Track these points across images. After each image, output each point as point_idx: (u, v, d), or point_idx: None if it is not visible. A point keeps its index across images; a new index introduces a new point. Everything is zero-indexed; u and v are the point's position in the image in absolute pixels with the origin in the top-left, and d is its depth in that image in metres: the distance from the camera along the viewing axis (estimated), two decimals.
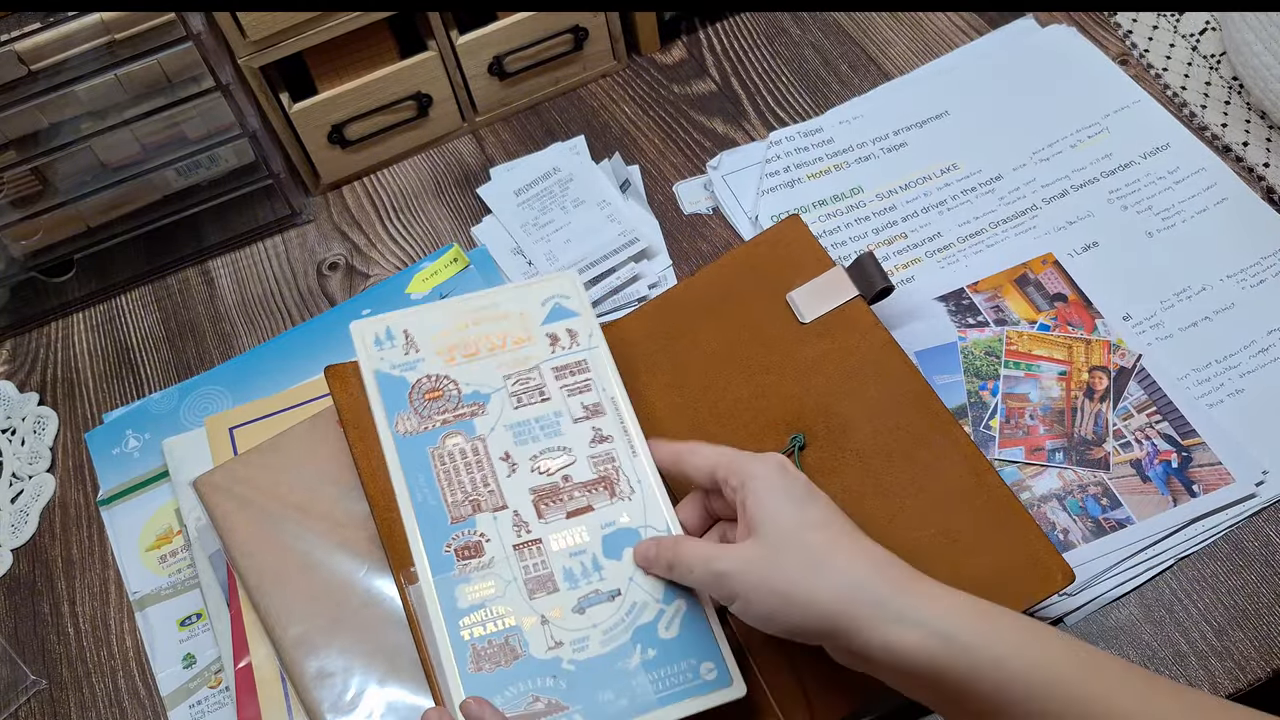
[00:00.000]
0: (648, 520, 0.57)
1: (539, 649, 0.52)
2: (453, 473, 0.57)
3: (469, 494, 0.57)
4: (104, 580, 0.67)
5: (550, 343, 0.63)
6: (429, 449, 0.58)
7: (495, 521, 0.56)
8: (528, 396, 0.61)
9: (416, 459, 0.58)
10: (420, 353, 0.62)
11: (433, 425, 0.59)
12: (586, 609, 0.54)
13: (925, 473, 0.59)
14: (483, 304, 0.64)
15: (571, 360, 0.63)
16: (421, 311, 0.63)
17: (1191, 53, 0.79)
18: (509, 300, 0.64)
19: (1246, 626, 0.56)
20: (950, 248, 0.72)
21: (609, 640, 0.53)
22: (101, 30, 0.66)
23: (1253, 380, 0.63)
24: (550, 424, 0.60)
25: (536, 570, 0.55)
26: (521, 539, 0.56)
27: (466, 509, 0.56)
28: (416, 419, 0.59)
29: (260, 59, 0.74)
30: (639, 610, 0.54)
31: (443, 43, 0.78)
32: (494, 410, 0.60)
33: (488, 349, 0.62)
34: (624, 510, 0.57)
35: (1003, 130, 0.77)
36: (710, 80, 0.85)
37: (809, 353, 0.64)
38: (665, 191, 0.79)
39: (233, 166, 0.77)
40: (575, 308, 0.65)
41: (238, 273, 0.80)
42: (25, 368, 0.78)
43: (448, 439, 0.58)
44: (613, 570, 0.55)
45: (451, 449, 0.58)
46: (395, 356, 0.61)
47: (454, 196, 0.82)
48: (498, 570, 0.54)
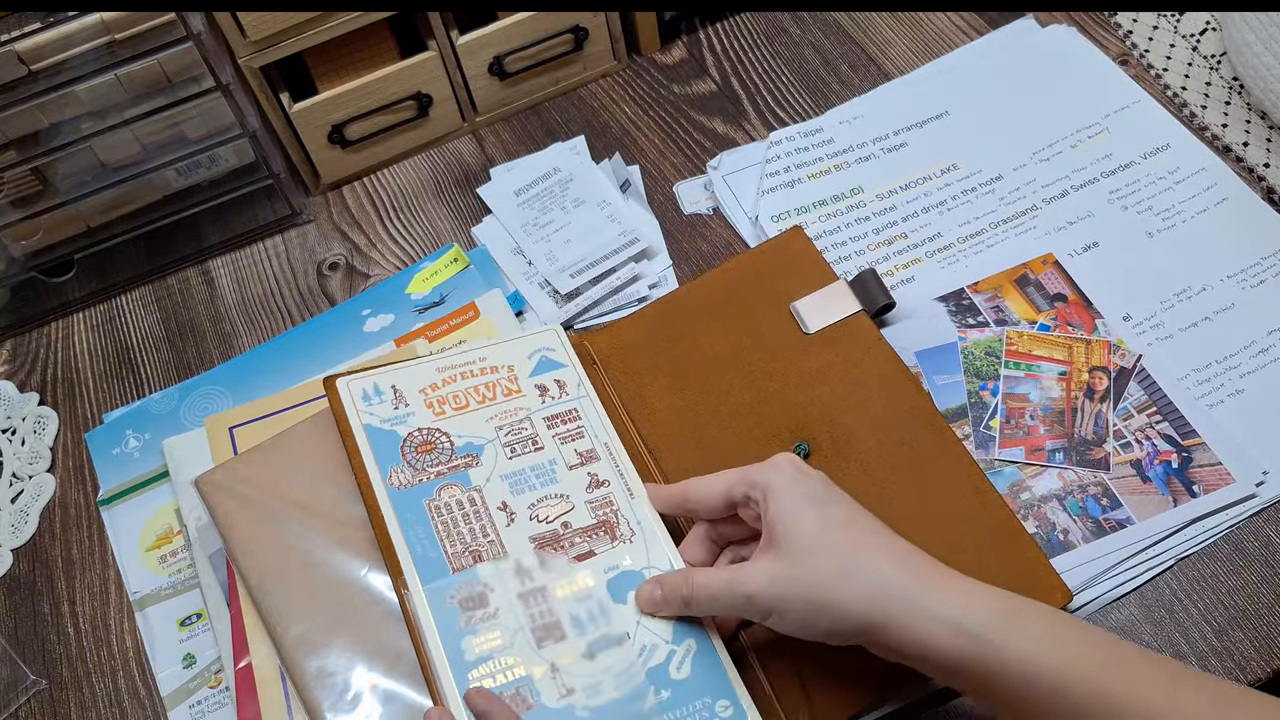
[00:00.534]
0: (650, 561, 0.56)
1: (550, 698, 0.51)
2: (450, 525, 0.57)
3: (468, 545, 0.56)
4: (104, 580, 0.67)
5: (540, 394, 0.63)
6: (425, 501, 0.58)
7: (498, 571, 0.55)
8: (521, 446, 0.61)
9: (413, 512, 0.57)
10: (410, 406, 0.61)
11: (427, 478, 0.59)
12: (596, 654, 0.53)
13: (928, 488, 0.59)
14: (469, 359, 0.64)
15: (562, 410, 0.63)
16: (408, 367, 0.63)
17: (1192, 53, 0.79)
18: (495, 354, 0.65)
19: (1246, 627, 0.56)
20: (950, 248, 0.72)
21: (622, 684, 0.52)
22: (102, 30, 0.66)
23: (1253, 380, 0.63)
24: (545, 472, 0.60)
25: (543, 618, 0.54)
26: (525, 587, 0.55)
27: (467, 560, 0.56)
28: (410, 471, 0.59)
29: (260, 59, 0.74)
30: (649, 652, 0.53)
31: (443, 43, 0.78)
32: (488, 461, 0.60)
33: (477, 401, 0.62)
34: (626, 553, 0.57)
35: (1003, 130, 0.77)
36: (710, 80, 0.85)
37: (813, 363, 0.64)
38: (665, 191, 0.79)
39: (233, 166, 0.77)
40: (561, 359, 0.65)
41: (238, 273, 0.80)
42: (25, 368, 0.78)
43: (443, 491, 0.58)
44: (619, 614, 0.54)
45: (448, 500, 0.58)
46: (384, 411, 0.61)
47: (454, 196, 0.82)
48: (503, 620, 0.54)
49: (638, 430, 0.64)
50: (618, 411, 0.65)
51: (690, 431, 0.64)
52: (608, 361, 0.67)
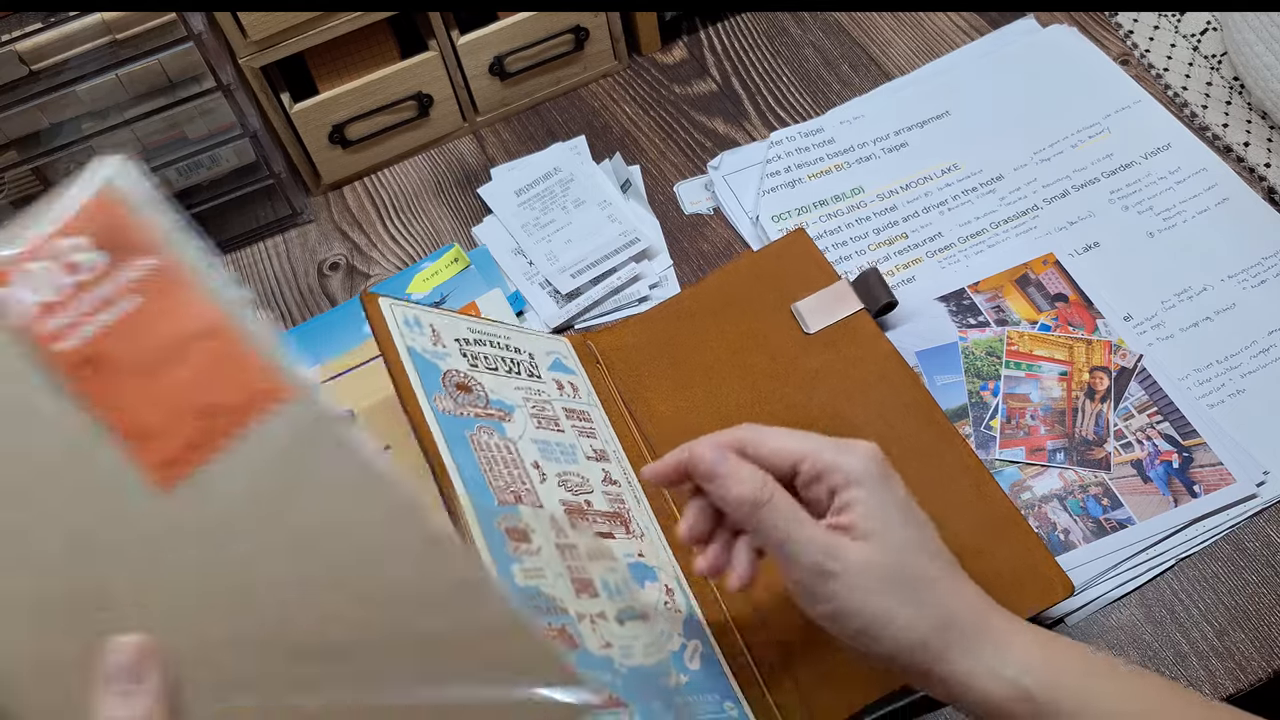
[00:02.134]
0: (659, 563, 0.56)
1: (593, 644, 0.49)
2: (492, 461, 0.54)
3: (509, 484, 0.54)
4: None
5: (557, 387, 0.63)
6: (467, 433, 0.55)
7: (537, 516, 0.54)
8: (546, 423, 0.59)
9: (458, 438, 0.54)
10: (447, 349, 0.59)
11: (468, 414, 0.56)
12: (625, 621, 0.52)
13: (929, 483, 0.59)
14: (496, 332, 0.63)
15: (577, 408, 0.62)
16: (443, 315, 0.61)
17: (1193, 53, 0.79)
18: (518, 339, 0.64)
19: (1247, 627, 0.56)
20: (951, 248, 0.72)
21: (650, 654, 0.51)
22: (103, 30, 0.66)
23: (1254, 380, 0.63)
24: (569, 452, 0.59)
25: (579, 573, 0.53)
26: (561, 540, 0.53)
27: (509, 497, 0.53)
28: (452, 403, 0.56)
29: (261, 59, 0.74)
30: (667, 637, 0.53)
31: (443, 43, 0.78)
32: (519, 421, 0.58)
33: (505, 370, 0.61)
34: (638, 546, 0.56)
35: (1003, 130, 0.77)
36: (711, 80, 0.85)
37: (813, 363, 0.64)
38: (666, 191, 0.79)
39: (233, 166, 0.77)
40: (571, 367, 0.65)
41: (238, 272, 0.80)
42: None
43: (482, 430, 0.56)
44: (641, 596, 0.54)
45: (487, 441, 0.55)
46: (425, 343, 0.58)
47: (454, 196, 0.82)
48: (546, 562, 0.52)
49: (640, 430, 0.64)
50: (620, 411, 0.65)
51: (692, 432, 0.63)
52: (611, 361, 0.67)
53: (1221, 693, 0.55)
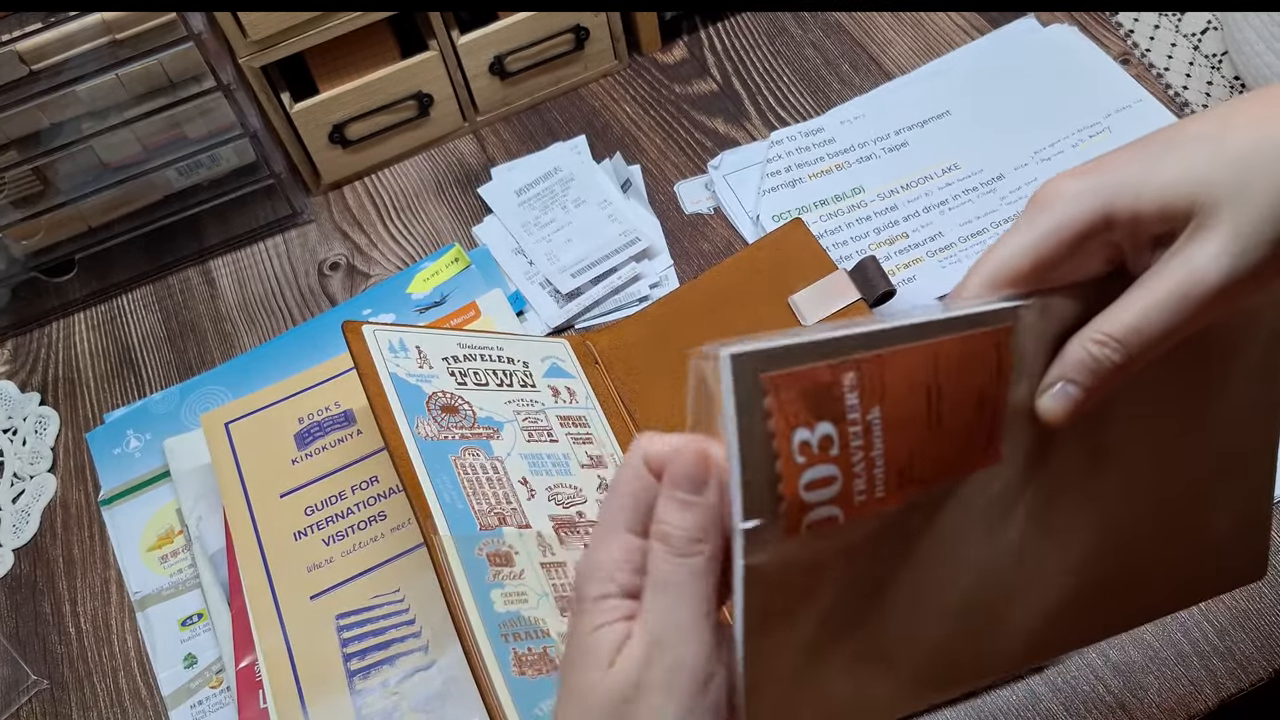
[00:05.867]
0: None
1: None
2: (476, 484, 0.55)
3: (493, 506, 0.55)
4: (105, 580, 0.67)
5: (553, 394, 0.63)
6: (450, 457, 0.56)
7: (522, 537, 0.54)
8: (537, 435, 0.60)
9: (440, 464, 0.55)
10: (433, 370, 0.59)
11: (452, 436, 0.57)
12: None
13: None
14: (488, 344, 0.63)
15: (573, 414, 0.62)
16: (431, 334, 0.62)
17: (1193, 52, 0.79)
18: (511, 348, 0.64)
19: (1248, 626, 0.56)
20: (952, 247, 0.72)
21: None
22: (103, 30, 0.66)
23: None
24: (560, 463, 0.59)
25: (565, 591, 0.53)
26: (548, 559, 0.54)
27: (493, 520, 0.54)
28: (436, 427, 0.57)
29: (261, 59, 0.74)
30: None
31: (444, 42, 0.78)
32: (508, 438, 0.58)
33: (496, 384, 0.61)
34: None
35: (1004, 130, 0.77)
36: (711, 80, 0.85)
37: None
38: (666, 191, 0.79)
39: (234, 166, 0.77)
40: (570, 370, 0.65)
41: (239, 272, 0.80)
42: (27, 368, 0.78)
43: (466, 453, 0.57)
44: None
45: (472, 462, 0.56)
46: (409, 366, 0.59)
47: (455, 196, 0.82)
48: (529, 584, 0.53)
49: (640, 430, 0.64)
50: (620, 411, 0.65)
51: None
52: (610, 361, 0.67)
53: (1223, 693, 0.55)
